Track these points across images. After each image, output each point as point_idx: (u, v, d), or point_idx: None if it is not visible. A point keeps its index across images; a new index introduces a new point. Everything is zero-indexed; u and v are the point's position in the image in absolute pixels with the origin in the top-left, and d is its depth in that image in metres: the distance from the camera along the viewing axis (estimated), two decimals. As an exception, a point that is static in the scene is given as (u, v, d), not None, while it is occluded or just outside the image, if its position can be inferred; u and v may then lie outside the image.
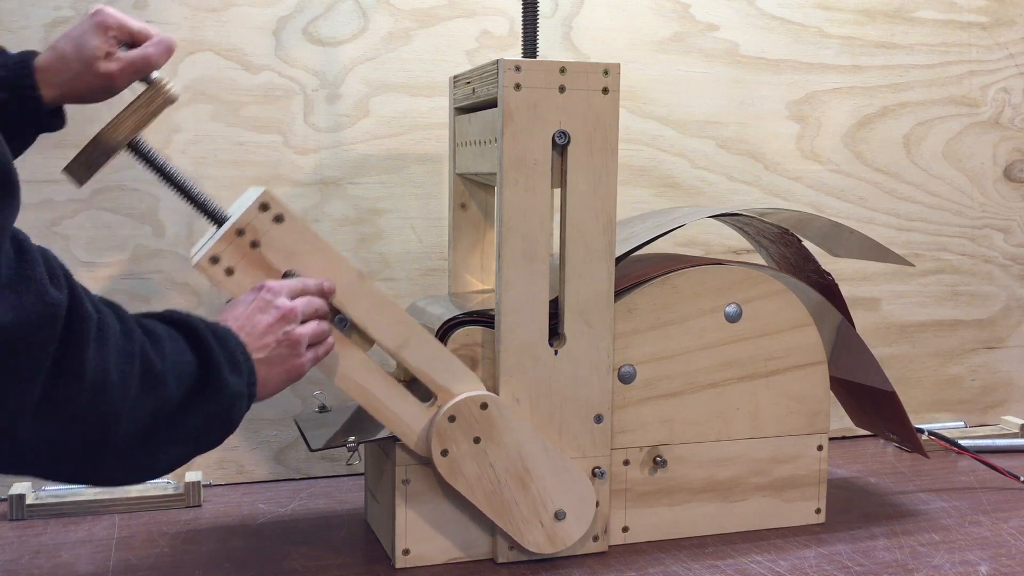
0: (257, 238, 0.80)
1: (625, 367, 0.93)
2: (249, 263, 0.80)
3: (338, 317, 0.83)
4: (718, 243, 1.27)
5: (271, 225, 0.80)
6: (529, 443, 0.87)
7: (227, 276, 0.80)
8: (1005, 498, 1.09)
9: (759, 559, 0.92)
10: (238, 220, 0.80)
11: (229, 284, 0.80)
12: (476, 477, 0.86)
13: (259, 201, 0.80)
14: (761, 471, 0.98)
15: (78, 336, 0.62)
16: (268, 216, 0.80)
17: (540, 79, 0.85)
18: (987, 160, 1.36)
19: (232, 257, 0.80)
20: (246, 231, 0.80)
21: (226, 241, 0.80)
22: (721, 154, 1.26)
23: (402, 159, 1.15)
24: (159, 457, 0.69)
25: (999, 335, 1.39)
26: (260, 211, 0.80)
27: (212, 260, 0.80)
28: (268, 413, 1.13)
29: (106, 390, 0.64)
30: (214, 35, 1.08)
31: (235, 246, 0.80)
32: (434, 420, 0.85)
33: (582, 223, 0.88)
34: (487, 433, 0.86)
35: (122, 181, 1.07)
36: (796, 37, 1.27)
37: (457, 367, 0.86)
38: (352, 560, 0.92)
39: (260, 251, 0.80)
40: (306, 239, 0.81)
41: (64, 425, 0.63)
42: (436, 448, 0.85)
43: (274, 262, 0.81)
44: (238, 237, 0.80)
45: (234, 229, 0.80)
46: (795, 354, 0.98)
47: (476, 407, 0.86)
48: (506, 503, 0.87)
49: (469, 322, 0.89)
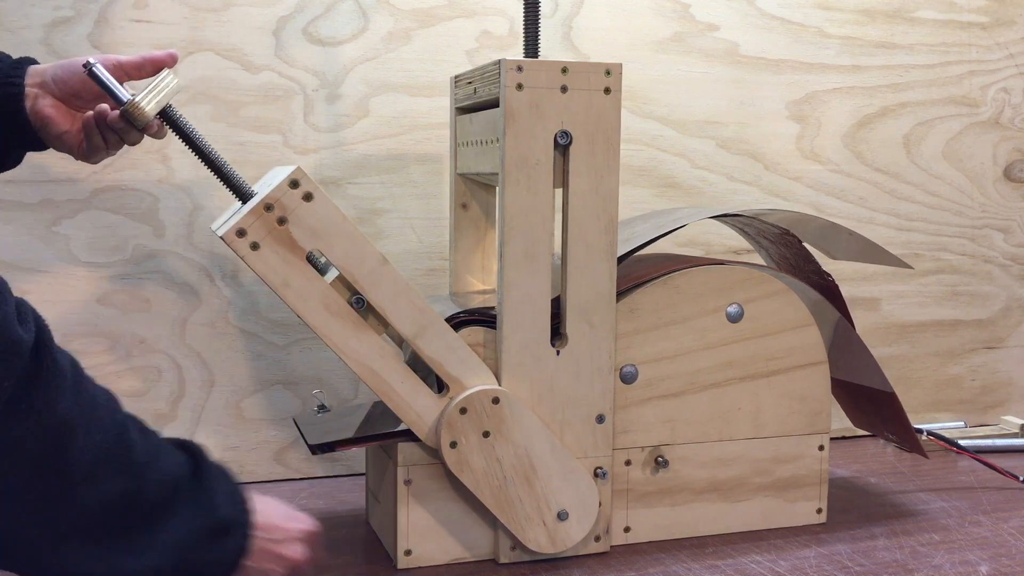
0: (285, 214, 0.80)
1: (627, 367, 0.93)
2: (275, 239, 0.80)
3: (356, 297, 0.83)
4: (718, 243, 1.27)
5: (300, 203, 0.80)
6: (538, 441, 0.87)
7: (252, 250, 0.80)
8: (1005, 498, 1.09)
9: (759, 559, 0.92)
10: (268, 195, 0.80)
11: (253, 259, 0.80)
12: (483, 471, 0.86)
13: (290, 177, 0.80)
14: (763, 471, 0.98)
15: (45, 381, 0.59)
16: (298, 193, 0.80)
17: (542, 79, 0.85)
18: (987, 160, 1.36)
19: (259, 232, 0.80)
20: (275, 206, 0.80)
21: (254, 215, 0.80)
22: (721, 154, 1.26)
23: (402, 159, 1.15)
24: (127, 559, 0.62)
25: (999, 335, 1.39)
26: (290, 188, 0.80)
27: (239, 233, 0.80)
28: (268, 413, 1.13)
29: (69, 446, 0.59)
30: (214, 35, 1.08)
31: (262, 220, 0.80)
32: (445, 411, 0.85)
33: (584, 223, 0.88)
34: (497, 428, 0.86)
35: (122, 181, 1.07)
36: (796, 37, 1.27)
37: (472, 360, 0.86)
38: (353, 560, 0.92)
39: (287, 227, 0.80)
40: (333, 220, 0.81)
41: (19, 471, 0.58)
42: (445, 440, 0.85)
43: (300, 240, 0.81)
44: (266, 212, 0.80)
45: (263, 203, 0.80)
46: (796, 354, 0.98)
47: (488, 401, 0.86)
48: (510, 499, 0.87)
49: (471, 321, 0.89)
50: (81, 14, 1.04)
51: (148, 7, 1.06)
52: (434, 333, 0.85)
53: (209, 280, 1.10)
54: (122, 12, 1.05)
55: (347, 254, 0.82)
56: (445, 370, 0.86)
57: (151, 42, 1.06)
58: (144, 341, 1.09)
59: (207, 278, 1.10)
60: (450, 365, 0.86)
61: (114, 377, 1.08)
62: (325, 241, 0.81)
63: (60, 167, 1.05)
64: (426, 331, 0.85)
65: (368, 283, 0.83)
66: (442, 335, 0.85)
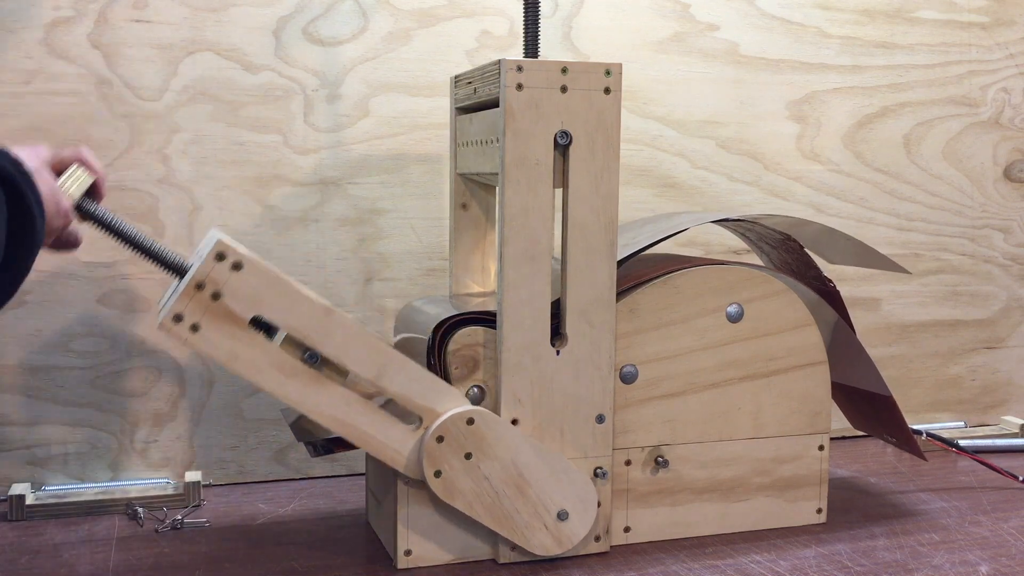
0: (218, 289, 0.78)
1: (627, 367, 0.93)
2: (214, 316, 0.78)
3: (308, 353, 0.82)
4: (718, 243, 1.27)
5: (230, 274, 0.78)
6: (522, 450, 0.87)
7: (193, 333, 0.78)
8: (1005, 498, 1.09)
9: (759, 559, 0.92)
10: (196, 273, 0.78)
11: (196, 342, 0.79)
12: (473, 492, 0.86)
13: (215, 251, 0.78)
14: (763, 471, 0.98)
15: None
16: (226, 265, 0.78)
17: (542, 79, 0.85)
18: (987, 160, 1.36)
19: (195, 312, 0.78)
20: (206, 283, 0.78)
21: (187, 296, 0.78)
22: (721, 154, 1.26)
23: (402, 159, 1.15)
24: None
25: (999, 335, 1.39)
26: (217, 261, 0.78)
27: (176, 319, 0.78)
28: (268, 413, 1.13)
29: None
30: (214, 35, 1.08)
31: (196, 300, 0.78)
32: (423, 442, 0.85)
33: (584, 223, 0.88)
34: (477, 447, 0.86)
35: (122, 181, 1.07)
36: (796, 37, 1.27)
37: (439, 385, 0.85)
38: (353, 560, 0.92)
39: (223, 302, 0.79)
40: (269, 283, 0.79)
41: None
42: (429, 470, 0.85)
43: (239, 311, 0.79)
44: (199, 291, 0.78)
45: (193, 283, 0.78)
46: (796, 354, 0.98)
47: (463, 424, 0.85)
48: (507, 512, 0.87)
49: (471, 322, 0.89)
50: (81, 14, 1.04)
51: (148, 7, 1.06)
52: (395, 369, 0.83)
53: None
54: (122, 12, 1.05)
55: (290, 313, 0.80)
56: (414, 402, 0.84)
57: (151, 42, 1.06)
58: (144, 341, 1.09)
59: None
60: (418, 396, 0.84)
61: (114, 377, 1.08)
62: (265, 306, 0.80)
63: (60, 167, 1.05)
64: (386, 370, 0.83)
65: (317, 337, 0.81)
66: (403, 369, 0.84)
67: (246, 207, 1.11)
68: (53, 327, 1.07)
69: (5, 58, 1.03)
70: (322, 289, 1.13)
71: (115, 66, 1.06)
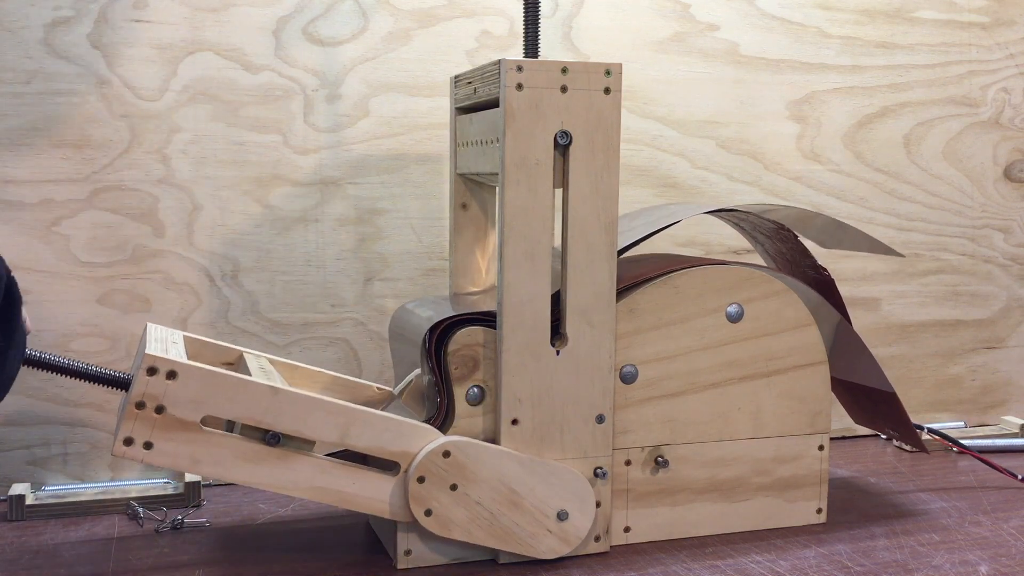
0: (159, 403, 0.78)
1: (627, 367, 0.93)
2: (164, 428, 0.78)
3: (268, 435, 0.81)
4: (718, 243, 1.27)
5: (167, 384, 0.78)
6: (505, 465, 0.86)
7: (148, 451, 0.78)
8: (1005, 498, 1.09)
9: (759, 559, 0.92)
10: (132, 395, 0.77)
11: (155, 457, 0.78)
12: (468, 520, 0.86)
13: (145, 367, 0.77)
14: (763, 471, 0.98)
15: None
16: (160, 378, 0.78)
17: (542, 79, 0.85)
18: (987, 160, 1.36)
19: (144, 431, 0.77)
20: (145, 401, 0.78)
21: (131, 418, 0.77)
22: (721, 154, 1.26)
23: (402, 159, 1.15)
24: None
25: (999, 335, 1.39)
26: (150, 376, 0.77)
27: (127, 442, 0.77)
28: (268, 413, 1.13)
29: None
30: (214, 35, 1.08)
31: (142, 420, 0.77)
32: (406, 486, 0.84)
33: (584, 223, 0.88)
34: (461, 477, 0.85)
35: (122, 181, 1.07)
36: (796, 37, 1.27)
37: (405, 427, 0.84)
38: (353, 560, 0.92)
39: (167, 414, 0.78)
40: (208, 383, 0.79)
41: None
42: (418, 512, 0.85)
43: (187, 416, 0.78)
44: (141, 410, 0.78)
45: (132, 404, 0.77)
46: (796, 354, 0.98)
47: (440, 459, 0.84)
48: (507, 529, 0.87)
49: (471, 322, 0.89)
50: (81, 14, 1.04)
51: (148, 7, 1.06)
52: (359, 427, 0.83)
53: (209, 280, 1.10)
54: (122, 12, 1.05)
55: (236, 404, 0.80)
56: (387, 451, 0.84)
57: (151, 42, 1.06)
58: (144, 341, 1.09)
59: (207, 278, 1.10)
60: (388, 444, 0.84)
61: (114, 377, 1.08)
62: (211, 405, 0.79)
63: (60, 167, 1.05)
64: (350, 429, 0.83)
65: (271, 419, 0.81)
66: (367, 423, 0.83)
67: (246, 207, 1.11)
68: (53, 327, 1.07)
69: (5, 58, 1.03)
70: (322, 289, 1.13)
71: (115, 66, 1.06)
